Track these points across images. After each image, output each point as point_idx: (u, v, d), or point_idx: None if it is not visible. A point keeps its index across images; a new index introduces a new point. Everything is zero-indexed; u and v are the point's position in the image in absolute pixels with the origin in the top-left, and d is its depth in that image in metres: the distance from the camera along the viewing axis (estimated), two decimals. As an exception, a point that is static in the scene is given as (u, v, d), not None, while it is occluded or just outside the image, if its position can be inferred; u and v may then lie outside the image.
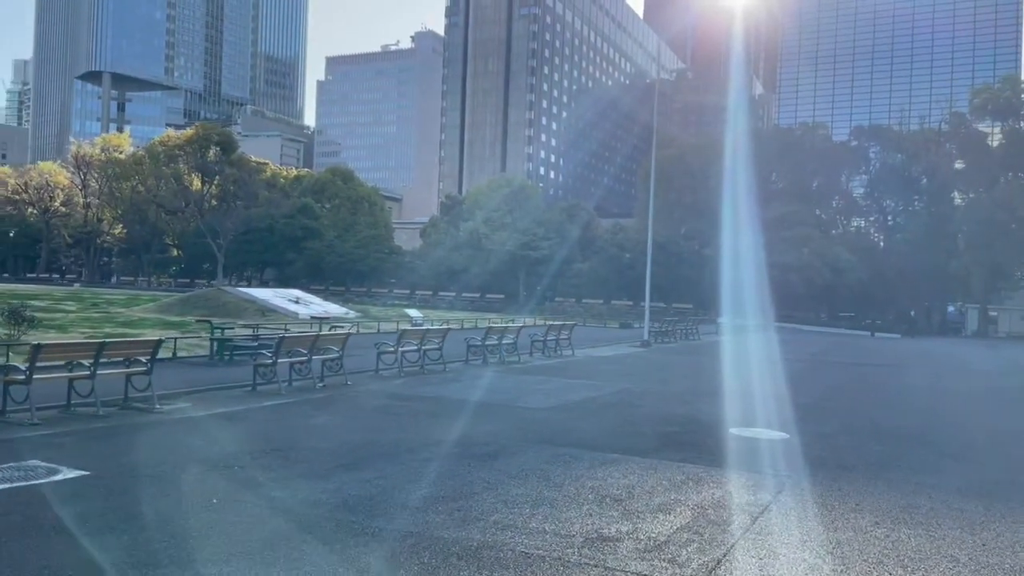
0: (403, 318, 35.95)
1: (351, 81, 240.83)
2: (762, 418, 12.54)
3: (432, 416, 11.67)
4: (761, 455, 9.62)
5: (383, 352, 16.73)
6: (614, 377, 18.37)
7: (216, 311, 33.65)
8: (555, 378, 17.42)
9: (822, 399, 15.53)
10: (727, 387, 16.89)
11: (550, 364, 20.92)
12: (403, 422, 11.07)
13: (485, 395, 14.09)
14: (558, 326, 24.35)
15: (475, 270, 73.05)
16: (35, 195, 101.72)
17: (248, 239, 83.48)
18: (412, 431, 10.38)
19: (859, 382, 20.56)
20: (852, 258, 64.20)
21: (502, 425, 11.02)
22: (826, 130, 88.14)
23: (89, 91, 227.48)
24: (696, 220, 77.49)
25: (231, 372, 15.40)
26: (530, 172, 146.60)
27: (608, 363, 22.18)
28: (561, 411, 12.56)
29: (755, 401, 14.58)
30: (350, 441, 9.45)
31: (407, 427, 10.71)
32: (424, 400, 13.30)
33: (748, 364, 23.45)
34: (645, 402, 14.05)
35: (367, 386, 14.79)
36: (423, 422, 11.13)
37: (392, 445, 9.30)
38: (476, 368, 18.89)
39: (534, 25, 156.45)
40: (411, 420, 11.27)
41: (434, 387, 15.03)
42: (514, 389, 15.16)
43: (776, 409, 13.52)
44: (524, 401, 13.57)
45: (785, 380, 18.85)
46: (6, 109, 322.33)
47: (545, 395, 14.43)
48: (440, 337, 18.28)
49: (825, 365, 25.61)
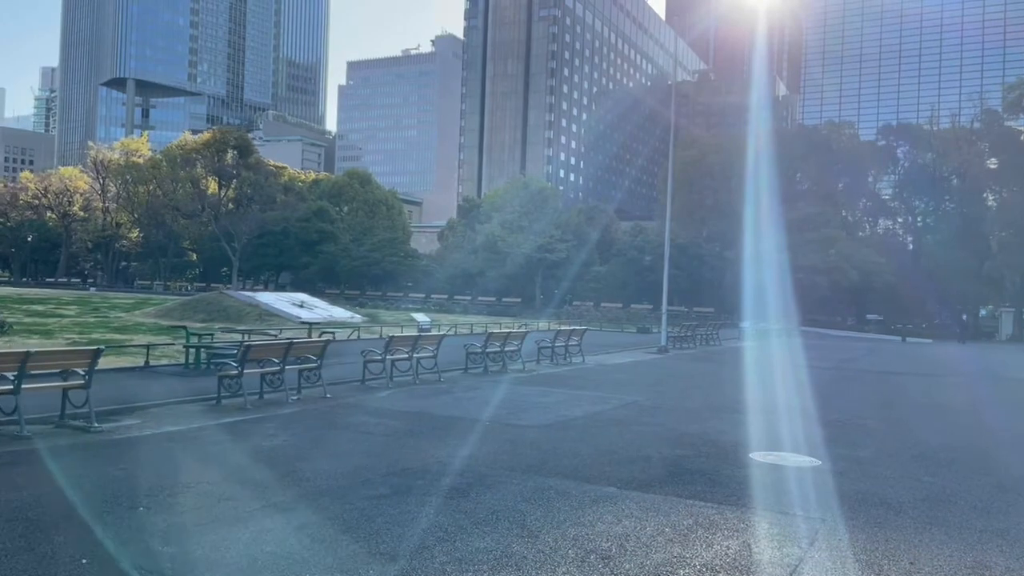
0: (411, 323, 34.63)
1: (372, 86, 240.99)
2: (788, 439, 10.95)
3: (409, 437, 10.22)
4: (788, 489, 8.05)
5: (370, 361, 15.31)
6: (624, 388, 16.80)
7: (217, 315, 32.52)
8: (558, 389, 15.90)
9: (856, 415, 13.86)
10: (748, 400, 15.25)
11: (556, 373, 19.40)
12: (373, 445, 9.63)
13: (476, 410, 12.61)
14: (567, 331, 22.81)
15: (491, 274, 71.65)
16: (54, 200, 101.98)
17: (263, 243, 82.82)
18: (379, 456, 8.93)
19: (896, 394, 18.77)
20: (881, 260, 61.99)
21: (486, 448, 9.54)
22: (853, 129, 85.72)
23: (114, 97, 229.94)
24: (718, 222, 75.55)
25: (202, 383, 14.07)
26: (549, 175, 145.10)
27: (620, 372, 20.61)
28: (558, 429, 11.05)
29: (780, 417, 12.97)
30: (297, 471, 8.01)
31: (375, 451, 9.26)
32: (406, 416, 11.85)
33: (771, 373, 21.75)
34: (655, 418, 12.49)
35: (347, 399, 13.37)
36: (396, 445, 9.68)
37: (347, 476, 7.85)
38: (474, 378, 17.43)
39: (553, 27, 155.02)
40: (383, 442, 9.82)
41: (421, 400, 13.58)
42: (510, 402, 13.66)
43: (804, 427, 11.91)
44: (518, 417, 12.07)
45: (812, 392, 17.18)
46: (34, 116, 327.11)
47: (543, 410, 12.93)
48: (434, 344, 16.84)
49: (855, 374, 23.81)
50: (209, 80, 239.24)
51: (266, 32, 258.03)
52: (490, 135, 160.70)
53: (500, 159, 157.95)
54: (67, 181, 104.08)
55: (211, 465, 8.26)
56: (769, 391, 17.00)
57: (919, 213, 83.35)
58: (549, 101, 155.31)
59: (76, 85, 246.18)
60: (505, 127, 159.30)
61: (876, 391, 18.96)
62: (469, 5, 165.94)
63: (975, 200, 76.66)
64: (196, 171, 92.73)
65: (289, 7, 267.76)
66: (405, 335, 18.59)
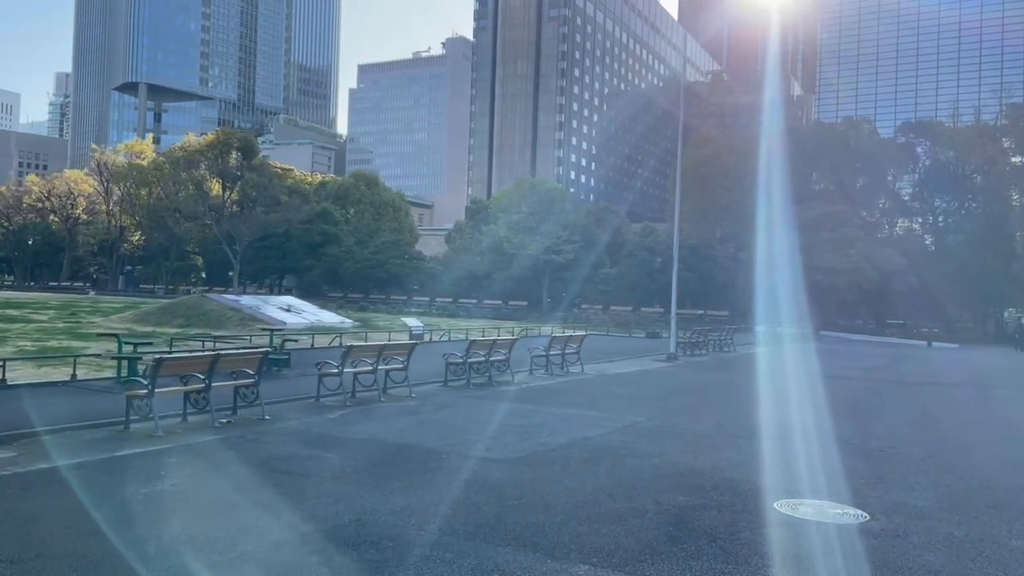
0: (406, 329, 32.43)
1: (382, 89, 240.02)
2: (820, 476, 8.71)
3: (336, 479, 8.04)
4: (833, 566, 5.81)
5: (325, 375, 13.17)
6: (624, 405, 14.56)
7: (195, 320, 30.57)
8: (546, 407, 13.69)
9: (899, 440, 11.56)
10: (768, 421, 12.95)
11: (549, 385, 17.18)
12: (281, 492, 7.45)
13: (438, 437, 10.43)
14: (563, 338, 20.57)
15: (497, 276, 69.44)
16: (57, 203, 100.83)
17: (266, 245, 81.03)
18: (279, 513, 6.77)
19: (940, 411, 16.33)
20: (902, 261, 59.30)
21: (431, 495, 7.36)
22: (871, 125, 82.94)
23: (126, 102, 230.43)
24: (732, 222, 73.00)
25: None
26: (560, 176, 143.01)
27: (622, 383, 18.35)
28: (532, 465, 8.85)
29: (806, 445, 10.70)
30: (150, 535, 5.86)
31: (278, 503, 7.10)
32: (349, 445, 9.69)
33: (792, 385, 19.41)
34: (656, 446, 10.26)
35: (289, 422, 11.23)
36: (313, 492, 7.50)
37: (214, 546, 5.70)
38: (452, 393, 15.25)
39: (564, 27, 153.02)
40: (297, 488, 7.65)
41: (377, 424, 11.42)
42: (484, 425, 11.47)
43: (839, 459, 9.66)
44: (488, 446, 9.88)
45: (841, 409, 14.87)
46: (48, 122, 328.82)
47: (522, 435, 10.73)
48: (404, 354, 14.67)
49: (887, 385, 21.38)
50: (221, 84, 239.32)
51: (277, 36, 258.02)
52: (500, 136, 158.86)
53: (510, 161, 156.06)
54: (72, 184, 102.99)
55: (59, 522, 6.14)
56: (791, 408, 14.72)
57: (940, 212, 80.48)
58: (559, 102, 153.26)
59: (89, 90, 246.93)
60: (515, 128, 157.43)
61: (915, 407, 16.57)
62: (478, 6, 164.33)
63: (999, 199, 73.77)
64: (200, 173, 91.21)
65: (300, 11, 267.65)
66: (366, 344, 16.49)
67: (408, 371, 14.55)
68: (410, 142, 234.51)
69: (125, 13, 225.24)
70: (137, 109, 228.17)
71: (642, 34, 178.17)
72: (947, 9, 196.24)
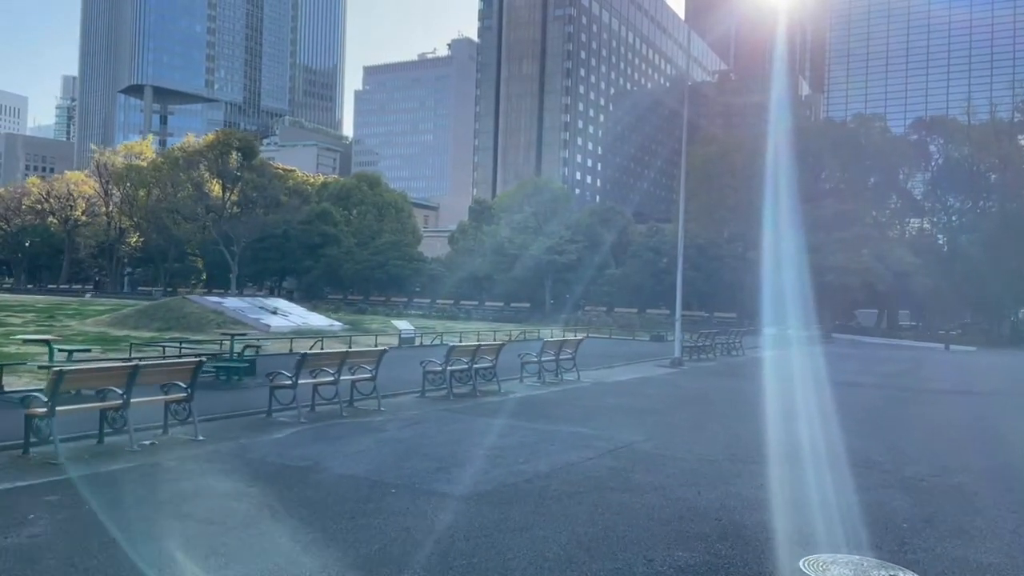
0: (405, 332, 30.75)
1: (388, 90, 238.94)
2: (853, 518, 7.04)
3: (248, 526, 6.41)
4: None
5: (278, 386, 11.57)
6: (619, 420, 12.89)
7: (175, 323, 29.06)
8: (531, 422, 12.05)
9: (941, 466, 9.84)
10: (782, 440, 11.26)
11: (539, 396, 15.54)
12: (175, 539, 5.83)
13: (393, 463, 8.81)
14: (558, 342, 18.92)
15: (499, 278, 67.80)
16: (57, 204, 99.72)
17: (265, 246, 79.60)
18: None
19: (982, 426, 14.48)
20: (916, 261, 57.37)
21: (360, 550, 5.74)
22: (883, 122, 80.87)
23: (132, 104, 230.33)
24: (740, 222, 71.17)
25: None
26: (566, 177, 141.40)
27: (620, 393, 16.67)
28: (496, 503, 7.22)
29: (832, 473, 9.02)
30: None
31: (162, 559, 5.48)
32: (281, 478, 8.07)
33: (807, 394, 17.69)
34: (652, 476, 8.61)
35: (224, 443, 9.63)
36: (211, 543, 5.87)
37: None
38: (429, 405, 13.62)
39: (569, 26, 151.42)
40: (196, 536, 6.03)
41: (327, 445, 9.79)
42: (451, 447, 9.84)
43: (872, 493, 7.99)
44: (449, 476, 8.26)
45: (866, 423, 13.19)
46: (55, 125, 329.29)
47: (493, 461, 9.10)
48: (372, 361, 13.05)
49: (912, 394, 19.62)
50: (226, 86, 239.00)
51: (283, 38, 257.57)
52: (505, 137, 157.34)
53: (515, 161, 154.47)
54: (72, 186, 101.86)
55: None
56: (807, 422, 13.03)
57: (954, 212, 78.44)
58: (565, 102, 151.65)
59: (95, 93, 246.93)
60: (520, 129, 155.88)
61: (950, 421, 14.79)
62: (483, 5, 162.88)
63: (1015, 197, 71.70)
64: (199, 174, 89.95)
65: (306, 13, 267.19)
66: (327, 351, 14.90)
67: (377, 381, 12.93)
68: (416, 144, 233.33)
69: (131, 16, 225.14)
70: (143, 112, 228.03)
71: (648, 33, 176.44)
72: (958, 7, 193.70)
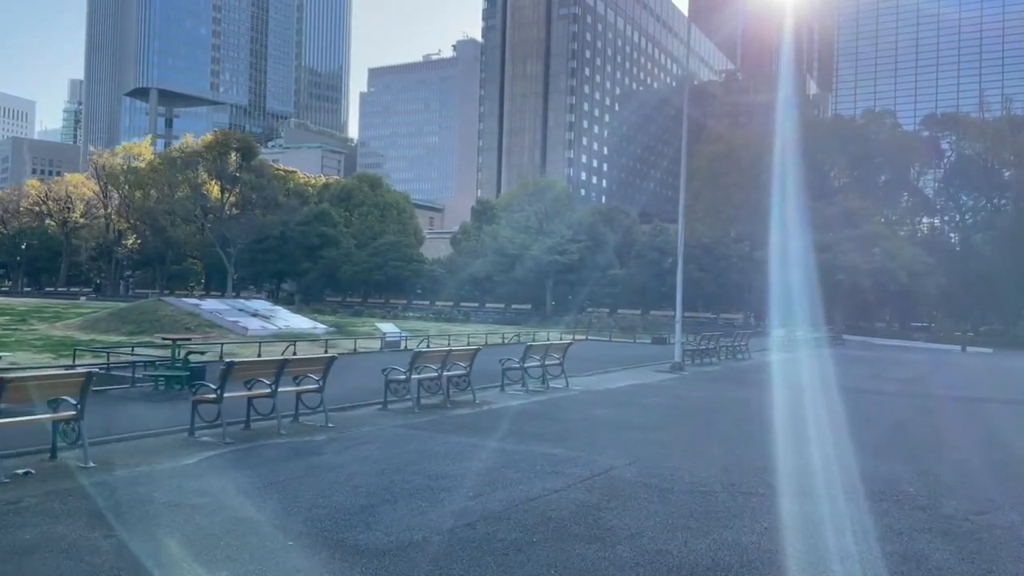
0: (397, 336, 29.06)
1: (393, 92, 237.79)
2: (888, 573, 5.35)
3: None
4: None
5: (201, 400, 9.93)
6: (603, 437, 11.18)
7: (149, 326, 27.51)
8: (497, 441, 10.36)
9: (986, 500, 8.06)
10: (792, 464, 9.52)
11: (517, 407, 13.84)
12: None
13: (310, 500, 7.15)
14: (543, 346, 17.22)
15: (500, 279, 66.09)
16: (55, 207, 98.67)
17: (262, 248, 78.12)
18: None
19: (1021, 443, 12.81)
20: (930, 260, 55.39)
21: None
22: (893, 118, 78.83)
23: (138, 107, 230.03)
24: (747, 221, 69.34)
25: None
26: (571, 177, 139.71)
27: (609, 404, 14.95)
28: (422, 560, 5.55)
29: (854, 510, 7.31)
30: None
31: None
32: (163, 520, 6.42)
33: (819, 404, 15.92)
34: (629, 517, 6.92)
35: (117, 471, 7.99)
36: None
37: None
38: (388, 419, 11.96)
39: (574, 25, 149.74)
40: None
41: (243, 473, 8.13)
42: (392, 475, 8.17)
43: (909, 540, 6.29)
44: (372, 518, 6.59)
45: (890, 441, 11.46)
46: (62, 129, 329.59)
47: (435, 495, 7.42)
48: (320, 370, 11.39)
49: (936, 402, 17.79)
50: (232, 89, 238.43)
51: (288, 40, 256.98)
52: (509, 138, 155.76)
53: (519, 162, 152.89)
54: (71, 188, 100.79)
55: None
56: (823, 442, 11.31)
57: (967, 210, 76.40)
58: (570, 102, 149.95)
59: (101, 96, 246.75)
60: (525, 129, 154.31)
61: (986, 438, 12.87)
62: (487, 5, 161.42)
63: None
64: (198, 174, 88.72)
65: (311, 15, 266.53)
66: (259, 360, 13.30)
67: (325, 393, 11.27)
68: (421, 145, 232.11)
69: (136, 19, 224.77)
70: (148, 115, 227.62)
71: (654, 33, 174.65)
72: (968, 4, 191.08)
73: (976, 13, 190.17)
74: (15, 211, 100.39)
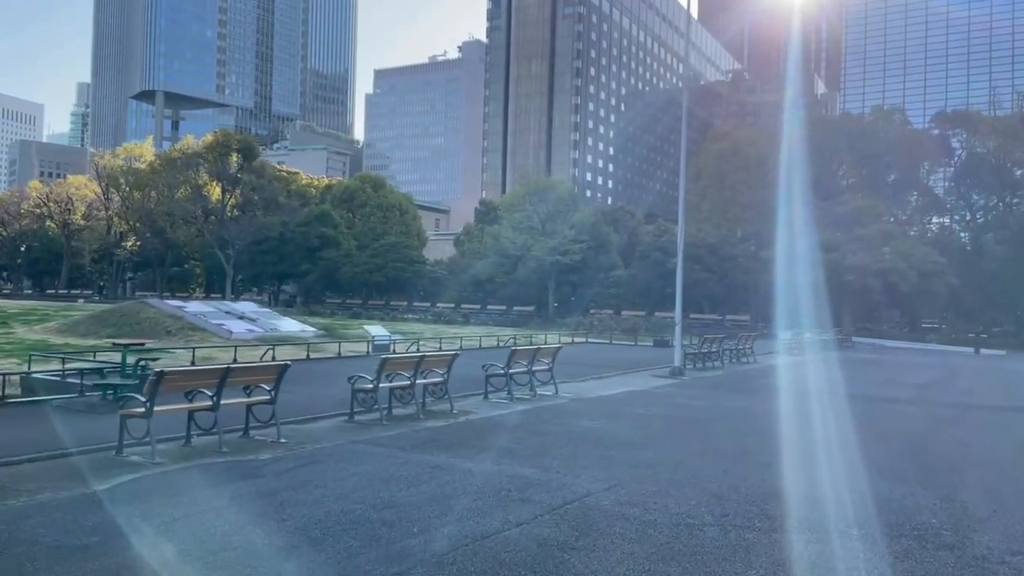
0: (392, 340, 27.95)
1: (398, 93, 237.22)
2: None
3: None
4: None
5: (130, 415, 8.84)
6: (585, 454, 10.01)
7: (129, 330, 26.51)
8: (464, 460, 9.22)
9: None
10: (798, 492, 8.35)
11: (495, 418, 12.71)
12: None
13: (226, 535, 6.05)
14: (530, 351, 16.08)
15: (501, 280, 64.95)
16: (56, 208, 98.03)
17: (262, 250, 77.17)
18: None
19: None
20: (942, 260, 53.98)
21: None
22: (903, 115, 77.34)
23: (144, 110, 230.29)
24: (754, 220, 68.08)
25: None
26: (576, 178, 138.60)
27: (598, 414, 13.78)
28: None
29: (870, 550, 6.15)
30: None
31: None
32: (43, 564, 5.33)
33: (829, 415, 14.71)
34: (599, 561, 5.79)
35: (16, 500, 6.91)
36: None
37: None
38: (349, 433, 10.85)
39: (579, 25, 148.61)
40: None
41: (161, 503, 7.03)
42: (327, 506, 7.05)
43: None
44: (296, 561, 5.48)
45: (910, 462, 10.27)
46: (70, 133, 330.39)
47: (373, 530, 6.30)
48: (271, 380, 10.28)
49: (956, 412, 16.51)
50: (237, 91, 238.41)
51: (294, 42, 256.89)
52: (514, 138, 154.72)
53: (524, 162, 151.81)
54: (72, 189, 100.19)
55: None
56: (830, 459, 10.14)
57: (978, 208, 74.91)
58: (575, 102, 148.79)
59: (107, 99, 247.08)
60: (529, 129, 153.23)
61: (1016, 454, 11.66)
62: (492, 5, 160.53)
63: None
64: (198, 175, 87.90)
65: (316, 17, 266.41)
66: (196, 369, 12.20)
67: (277, 405, 10.17)
68: (427, 147, 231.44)
69: (142, 22, 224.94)
70: (155, 117, 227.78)
71: (661, 32, 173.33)
72: (977, 3, 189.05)
73: (986, 11, 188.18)
74: (16, 213, 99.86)
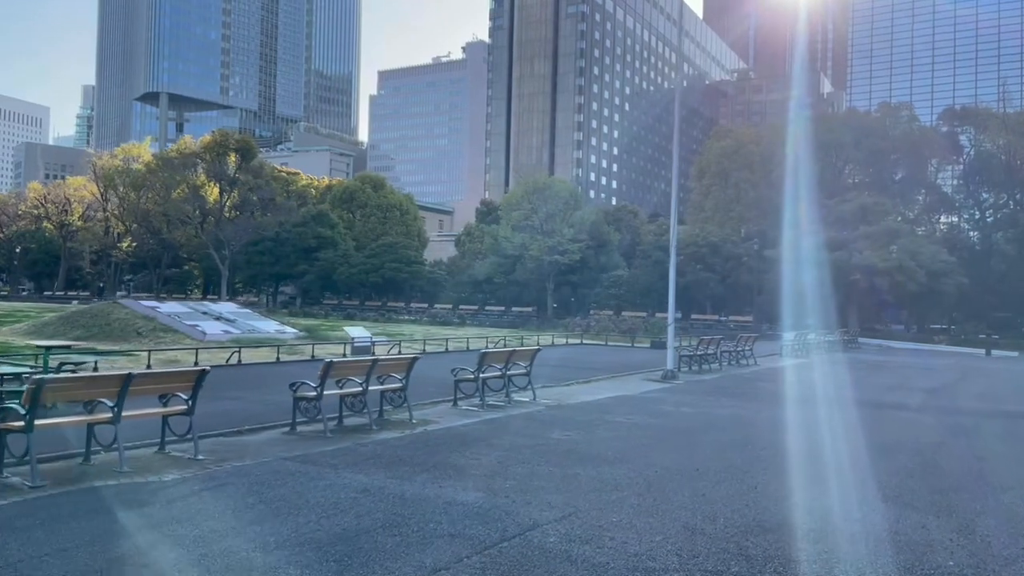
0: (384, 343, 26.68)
1: (402, 95, 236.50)
2: None
3: None
4: None
5: (7, 429, 7.59)
6: (544, 474, 8.69)
7: (99, 331, 25.34)
8: (403, 480, 7.94)
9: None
10: (785, 524, 7.03)
11: (456, 429, 11.41)
12: None
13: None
14: (504, 354, 14.79)
15: (500, 281, 63.69)
16: (53, 209, 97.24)
17: (258, 250, 76.10)
18: None
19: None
20: (951, 259, 52.47)
21: None
22: (910, 111, 75.76)
23: (148, 112, 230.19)
24: (758, 219, 66.71)
25: None
26: (580, 178, 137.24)
27: (573, 424, 12.46)
28: None
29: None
30: None
31: None
32: None
33: (830, 425, 13.37)
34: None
35: None
36: None
37: None
38: (283, 447, 9.58)
39: (582, 24, 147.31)
40: None
41: (17, 539, 5.78)
42: (214, 544, 5.78)
43: None
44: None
45: (920, 483, 8.93)
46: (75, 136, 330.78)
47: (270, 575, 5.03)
48: (187, 388, 9.02)
49: (972, 421, 15.09)
50: (241, 93, 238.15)
51: (298, 44, 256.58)
52: (517, 138, 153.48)
53: (528, 162, 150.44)
54: (71, 190, 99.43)
55: None
56: (829, 479, 8.82)
57: (988, 207, 73.32)
58: (579, 101, 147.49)
59: (112, 101, 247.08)
60: (532, 129, 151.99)
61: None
62: (494, 4, 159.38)
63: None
64: (197, 176, 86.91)
65: (320, 19, 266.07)
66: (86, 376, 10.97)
67: (194, 416, 8.91)
68: (431, 148, 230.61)
69: (146, 24, 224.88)
70: (159, 119, 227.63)
71: (665, 32, 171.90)
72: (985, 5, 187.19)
73: (993, 9, 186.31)
74: (13, 215, 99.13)
